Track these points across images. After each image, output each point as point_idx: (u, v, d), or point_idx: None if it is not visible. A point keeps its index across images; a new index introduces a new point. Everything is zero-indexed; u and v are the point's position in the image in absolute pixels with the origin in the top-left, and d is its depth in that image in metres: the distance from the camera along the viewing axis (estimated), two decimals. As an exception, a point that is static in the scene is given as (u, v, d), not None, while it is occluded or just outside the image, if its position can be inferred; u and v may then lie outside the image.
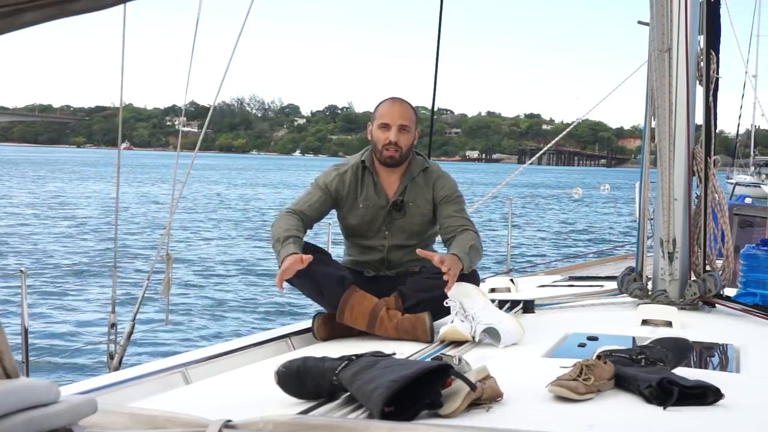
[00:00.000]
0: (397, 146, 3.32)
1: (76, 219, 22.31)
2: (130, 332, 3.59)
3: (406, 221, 3.38)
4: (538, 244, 19.03)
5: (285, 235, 3.13)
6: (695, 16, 4.00)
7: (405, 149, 3.35)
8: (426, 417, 1.96)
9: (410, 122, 3.35)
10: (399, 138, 3.32)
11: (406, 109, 3.37)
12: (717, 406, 2.06)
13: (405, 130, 3.33)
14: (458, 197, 3.42)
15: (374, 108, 3.47)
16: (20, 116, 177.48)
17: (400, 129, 3.32)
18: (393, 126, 3.32)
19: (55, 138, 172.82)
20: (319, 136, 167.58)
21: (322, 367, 2.14)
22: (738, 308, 3.80)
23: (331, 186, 3.38)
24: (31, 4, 1.06)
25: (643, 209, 4.27)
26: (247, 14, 3.93)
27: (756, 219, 9.01)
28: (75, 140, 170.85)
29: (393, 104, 3.39)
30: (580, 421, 1.96)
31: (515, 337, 2.98)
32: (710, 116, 4.05)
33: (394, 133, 3.32)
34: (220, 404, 2.20)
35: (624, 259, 7.34)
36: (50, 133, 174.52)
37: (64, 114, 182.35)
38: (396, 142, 3.32)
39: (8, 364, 1.27)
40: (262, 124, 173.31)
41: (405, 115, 3.35)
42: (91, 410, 1.37)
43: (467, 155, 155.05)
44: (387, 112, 3.36)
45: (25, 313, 3.58)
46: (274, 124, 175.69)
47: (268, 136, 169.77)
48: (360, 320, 3.12)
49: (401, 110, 3.36)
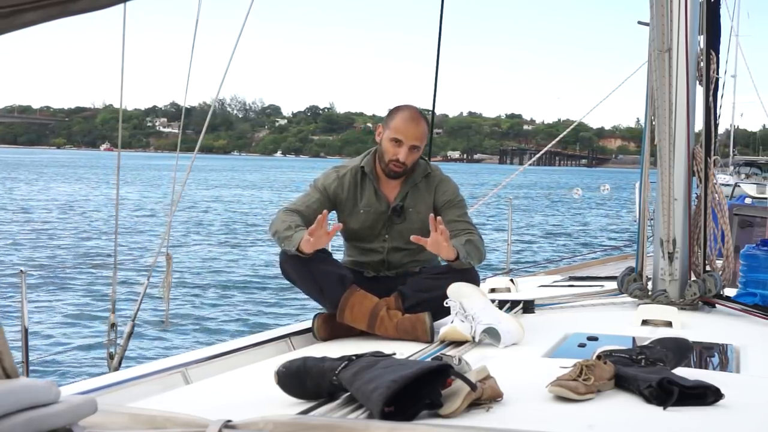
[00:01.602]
0: (403, 164, 3.31)
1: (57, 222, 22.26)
2: (130, 332, 3.59)
3: (406, 226, 3.37)
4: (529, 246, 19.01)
5: (290, 225, 3.13)
6: (695, 16, 4.00)
7: (410, 166, 3.35)
8: (426, 417, 1.96)
9: (422, 142, 3.33)
10: (408, 158, 3.30)
11: (421, 130, 3.31)
12: (717, 406, 2.06)
13: (415, 150, 3.31)
14: (460, 201, 3.42)
15: (389, 112, 3.40)
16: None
17: (411, 149, 3.30)
18: (405, 145, 3.28)
19: (34, 139, 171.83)
20: (300, 137, 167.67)
21: (322, 367, 2.14)
22: (738, 308, 3.80)
23: (329, 188, 3.37)
24: (31, 4, 1.06)
25: (643, 209, 4.27)
26: (246, 15, 3.93)
27: (756, 219, 9.02)
28: (55, 141, 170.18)
29: (410, 122, 3.30)
30: (580, 421, 1.96)
31: (515, 338, 2.98)
32: (710, 116, 4.05)
33: (404, 153, 3.28)
34: (220, 404, 2.20)
35: (624, 259, 7.35)
36: (30, 134, 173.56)
37: (44, 115, 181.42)
38: (404, 162, 3.30)
39: (8, 365, 1.27)
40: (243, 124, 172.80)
41: (419, 136, 3.30)
42: (91, 410, 1.37)
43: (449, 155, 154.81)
44: (402, 129, 3.29)
45: (25, 313, 3.58)
46: (256, 125, 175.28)
47: (250, 136, 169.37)
48: (360, 320, 3.12)
49: (416, 131, 3.30)
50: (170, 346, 8.07)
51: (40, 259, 14.45)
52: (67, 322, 9.28)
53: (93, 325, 9.09)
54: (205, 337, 8.54)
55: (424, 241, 3.06)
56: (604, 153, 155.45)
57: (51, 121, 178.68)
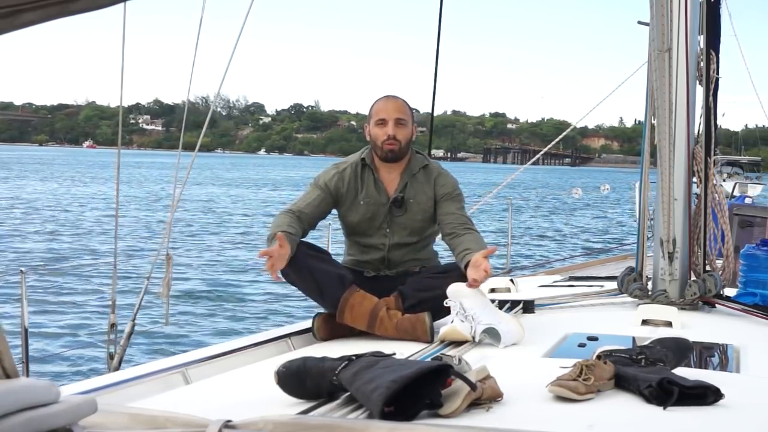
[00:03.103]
0: (395, 140, 3.35)
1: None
2: (130, 332, 3.59)
3: (407, 218, 3.39)
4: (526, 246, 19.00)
5: (274, 232, 3.13)
6: (695, 16, 4.00)
7: (404, 143, 3.37)
8: (426, 417, 1.96)
9: (406, 116, 3.39)
10: (397, 132, 3.35)
11: (400, 104, 3.42)
12: (717, 406, 2.06)
13: (402, 123, 3.37)
14: (459, 195, 3.43)
15: (369, 108, 3.49)
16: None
17: (397, 123, 3.36)
18: (390, 120, 3.35)
19: (16, 136, 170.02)
20: (284, 135, 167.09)
21: (322, 367, 2.14)
22: (738, 308, 3.80)
23: (330, 184, 3.39)
24: (31, 4, 1.06)
25: (643, 209, 4.27)
26: (246, 15, 3.92)
27: (756, 219, 9.02)
28: (37, 138, 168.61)
29: (387, 101, 3.43)
30: (580, 421, 1.96)
31: (515, 337, 2.98)
32: (710, 116, 4.05)
33: (392, 127, 3.35)
34: (220, 404, 2.20)
35: (624, 259, 7.35)
36: (12, 131, 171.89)
37: (26, 112, 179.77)
38: (394, 135, 3.34)
39: (8, 365, 1.27)
40: (227, 122, 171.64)
41: (400, 110, 3.39)
42: (91, 410, 1.37)
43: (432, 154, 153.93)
44: (382, 108, 3.40)
45: (25, 313, 3.58)
46: (239, 123, 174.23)
47: (233, 134, 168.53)
48: (360, 320, 3.12)
49: (395, 105, 3.40)
50: (170, 346, 8.07)
51: (32, 259, 14.44)
52: (67, 322, 9.28)
53: (93, 325, 9.09)
54: (205, 337, 8.54)
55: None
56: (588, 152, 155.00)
57: (33, 118, 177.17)
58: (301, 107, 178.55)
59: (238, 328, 9.09)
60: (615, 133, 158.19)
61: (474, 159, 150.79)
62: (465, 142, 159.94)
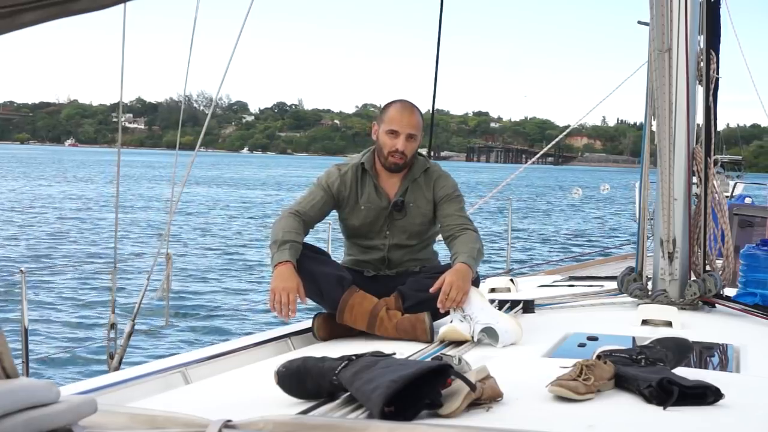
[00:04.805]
0: (403, 154, 3.32)
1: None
2: (130, 332, 3.59)
3: (407, 221, 3.39)
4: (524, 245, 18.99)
5: (283, 239, 3.12)
6: (695, 16, 4.00)
7: (410, 156, 3.36)
8: (426, 417, 1.96)
9: (418, 130, 3.35)
10: (406, 146, 3.32)
11: (415, 118, 3.35)
12: (717, 406, 2.06)
13: (412, 138, 3.33)
14: (458, 196, 3.43)
15: (382, 108, 3.44)
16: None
17: (408, 138, 3.32)
18: (401, 134, 3.30)
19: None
20: (267, 134, 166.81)
21: (322, 367, 2.14)
22: (738, 308, 3.80)
23: (333, 186, 3.38)
24: (31, 4, 1.06)
25: (643, 209, 4.27)
26: (246, 14, 3.92)
27: (756, 219, 9.02)
28: (18, 137, 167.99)
29: (403, 111, 3.35)
30: (580, 421, 1.96)
31: (513, 337, 2.98)
32: (710, 116, 4.05)
33: (402, 142, 3.30)
34: (220, 404, 2.20)
35: (624, 259, 7.35)
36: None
37: (7, 110, 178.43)
38: (403, 150, 3.31)
39: (8, 365, 1.27)
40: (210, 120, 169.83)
41: (414, 124, 3.33)
42: (91, 410, 1.37)
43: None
44: (396, 119, 3.32)
45: (25, 313, 3.58)
46: (222, 121, 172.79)
47: (216, 133, 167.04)
48: (360, 320, 3.12)
49: (410, 119, 3.33)
50: (170, 346, 8.07)
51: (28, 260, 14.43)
52: (67, 322, 9.28)
53: (93, 325, 9.09)
54: (205, 337, 8.54)
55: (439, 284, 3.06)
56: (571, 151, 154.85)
57: (14, 116, 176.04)
58: (284, 106, 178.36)
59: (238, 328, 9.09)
60: (598, 132, 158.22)
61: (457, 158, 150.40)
62: (448, 141, 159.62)
